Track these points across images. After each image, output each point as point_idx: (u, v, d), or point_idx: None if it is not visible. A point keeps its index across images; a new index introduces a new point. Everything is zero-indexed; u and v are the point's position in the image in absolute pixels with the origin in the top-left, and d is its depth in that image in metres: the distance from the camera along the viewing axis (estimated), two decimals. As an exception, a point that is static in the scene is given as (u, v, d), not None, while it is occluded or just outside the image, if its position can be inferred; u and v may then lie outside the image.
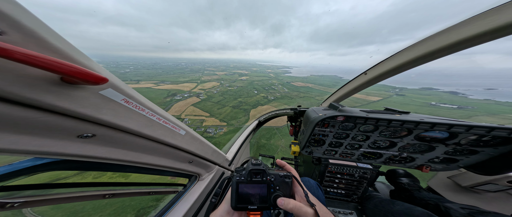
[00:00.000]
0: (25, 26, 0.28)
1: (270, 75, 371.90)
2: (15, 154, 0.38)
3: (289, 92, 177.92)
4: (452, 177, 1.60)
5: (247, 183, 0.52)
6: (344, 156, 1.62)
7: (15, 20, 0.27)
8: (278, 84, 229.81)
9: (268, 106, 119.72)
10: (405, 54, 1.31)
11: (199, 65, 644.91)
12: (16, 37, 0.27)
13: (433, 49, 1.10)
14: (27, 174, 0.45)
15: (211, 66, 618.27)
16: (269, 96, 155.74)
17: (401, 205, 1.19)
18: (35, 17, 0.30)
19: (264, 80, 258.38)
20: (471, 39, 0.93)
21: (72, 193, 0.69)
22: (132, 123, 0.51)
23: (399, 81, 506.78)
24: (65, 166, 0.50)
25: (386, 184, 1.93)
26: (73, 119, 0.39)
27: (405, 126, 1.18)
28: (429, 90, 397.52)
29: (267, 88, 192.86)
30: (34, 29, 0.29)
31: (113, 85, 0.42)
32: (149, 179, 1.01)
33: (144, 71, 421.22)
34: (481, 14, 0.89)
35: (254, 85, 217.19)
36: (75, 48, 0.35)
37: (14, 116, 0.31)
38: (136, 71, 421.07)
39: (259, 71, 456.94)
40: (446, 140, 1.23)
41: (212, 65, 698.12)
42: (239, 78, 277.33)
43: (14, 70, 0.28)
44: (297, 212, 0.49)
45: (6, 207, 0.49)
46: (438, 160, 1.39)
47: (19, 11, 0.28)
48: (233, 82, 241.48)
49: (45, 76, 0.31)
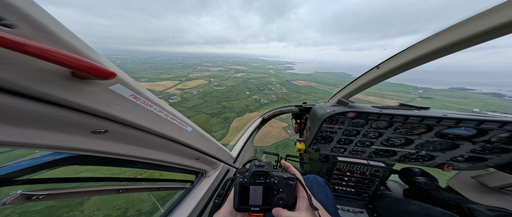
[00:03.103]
0: (35, 19, 0.28)
1: (270, 72, 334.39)
2: (36, 148, 0.40)
3: (288, 93, 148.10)
4: (477, 176, 1.47)
5: (250, 184, 0.52)
6: (354, 154, 1.56)
7: (25, 13, 0.26)
8: (276, 83, 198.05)
9: (257, 113, 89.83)
10: (425, 45, 1.17)
11: (196, 60, 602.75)
12: (26, 31, 0.27)
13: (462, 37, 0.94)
14: (49, 168, 0.49)
15: (209, 61, 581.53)
16: (262, 99, 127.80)
17: (418, 205, 1.12)
18: (43, 10, 0.30)
19: (261, 78, 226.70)
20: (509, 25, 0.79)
21: (89, 187, 0.73)
22: (141, 119, 0.52)
23: (419, 79, 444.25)
24: (81, 160, 0.52)
25: (399, 183, 1.83)
26: (86, 114, 0.40)
27: (425, 122, 1.11)
28: (461, 91, 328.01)
29: (262, 88, 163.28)
30: (44, 23, 0.29)
31: (121, 80, 0.42)
32: (157, 176, 0.90)
33: (131, 66, 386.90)
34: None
35: (248, 83, 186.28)
36: (83, 42, 0.36)
37: (33, 110, 0.32)
38: (122, 65, 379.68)
39: (259, 67, 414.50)
40: (473, 138, 1.14)
41: (211, 60, 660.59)
42: (233, 75, 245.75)
43: (27, 64, 0.28)
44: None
45: (32, 199, 0.52)
46: (463, 158, 1.29)
47: (27, 4, 0.27)
48: (225, 80, 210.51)
49: (57, 71, 0.31)
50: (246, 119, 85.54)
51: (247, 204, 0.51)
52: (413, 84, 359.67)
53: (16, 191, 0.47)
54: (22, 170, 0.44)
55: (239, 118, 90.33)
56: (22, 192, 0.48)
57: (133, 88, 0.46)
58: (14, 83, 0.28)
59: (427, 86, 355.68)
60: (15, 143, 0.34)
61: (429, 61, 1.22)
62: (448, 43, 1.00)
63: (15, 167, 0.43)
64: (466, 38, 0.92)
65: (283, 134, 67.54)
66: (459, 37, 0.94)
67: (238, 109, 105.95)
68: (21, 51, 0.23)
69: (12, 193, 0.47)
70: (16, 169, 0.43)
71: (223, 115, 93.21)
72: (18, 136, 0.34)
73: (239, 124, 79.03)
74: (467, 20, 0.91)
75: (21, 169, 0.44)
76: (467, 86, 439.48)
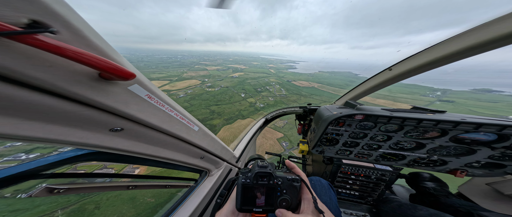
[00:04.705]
0: (73, 25, 0.30)
1: (270, 71, 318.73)
2: (64, 145, 0.42)
3: (287, 96, 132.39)
4: (492, 183, 1.40)
5: (253, 185, 0.51)
6: (360, 157, 1.53)
7: (66, 19, 0.29)
8: (275, 84, 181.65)
9: (250, 120, 74.29)
10: (445, 47, 1.04)
11: (195, 58, 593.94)
12: (67, 36, 0.30)
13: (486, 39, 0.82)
14: (71, 163, 0.51)
15: (208, 59, 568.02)
16: (258, 102, 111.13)
17: (425, 211, 1.09)
18: (79, 16, 0.32)
19: (260, 78, 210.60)
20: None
21: (102, 183, 0.77)
22: (154, 118, 0.54)
23: (434, 80, 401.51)
24: (99, 157, 0.55)
25: (405, 187, 1.77)
26: (107, 113, 0.43)
27: (440, 126, 1.07)
28: (487, 93, 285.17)
29: (260, 89, 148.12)
30: (80, 28, 0.31)
31: (139, 80, 0.45)
32: (162, 173, 1.12)
33: None
34: None
35: (245, 84, 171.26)
36: (109, 44, 0.38)
37: (64, 109, 0.35)
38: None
39: (259, 66, 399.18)
40: (492, 143, 1.10)
41: (211, 58, 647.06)
42: (230, 75, 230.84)
43: (63, 66, 0.31)
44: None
45: (54, 192, 0.56)
46: (479, 164, 1.24)
47: (68, 11, 0.30)
48: (220, 80, 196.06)
49: (87, 72, 0.34)
50: (236, 128, 69.79)
51: (249, 204, 0.51)
52: (429, 85, 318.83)
53: (41, 185, 0.53)
54: (48, 164, 0.47)
55: (228, 126, 75.14)
56: (47, 185, 0.54)
57: (148, 88, 0.48)
58: (52, 83, 0.30)
59: (445, 87, 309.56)
60: (47, 139, 0.37)
61: (448, 63, 1.10)
62: (472, 44, 0.88)
63: (43, 161, 0.47)
64: (491, 39, 0.80)
65: (277, 148, 52.06)
66: (482, 39, 0.83)
67: (229, 114, 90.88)
68: (62, 55, 0.26)
69: (38, 186, 0.53)
70: (44, 163, 0.47)
71: (209, 122, 77.99)
72: (49, 133, 0.37)
73: (226, 134, 63.91)
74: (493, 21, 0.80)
75: (48, 164, 0.47)
76: (494, 87, 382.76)
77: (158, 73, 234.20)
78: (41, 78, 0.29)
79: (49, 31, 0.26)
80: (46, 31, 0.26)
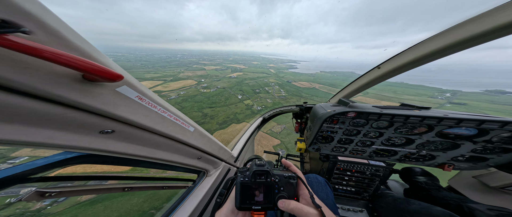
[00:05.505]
0: (49, 25, 0.29)
1: (270, 71, 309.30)
2: (51, 148, 0.41)
3: (286, 97, 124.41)
4: (478, 176, 1.48)
5: (251, 184, 0.53)
6: (355, 153, 1.57)
7: (40, 19, 0.28)
8: (274, 85, 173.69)
9: (245, 124, 65.72)
10: (430, 44, 1.12)
11: (195, 58, 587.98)
12: (42, 37, 0.29)
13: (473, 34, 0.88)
14: (60, 166, 0.51)
15: (208, 58, 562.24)
16: (255, 105, 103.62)
17: (417, 204, 1.13)
18: (56, 16, 0.31)
19: (259, 78, 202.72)
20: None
21: (97, 185, 0.77)
22: (146, 119, 0.54)
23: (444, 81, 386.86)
24: (90, 160, 0.55)
25: (399, 183, 1.83)
26: (95, 115, 0.42)
27: (425, 122, 1.13)
28: (501, 94, 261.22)
29: (258, 91, 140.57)
30: (57, 29, 0.30)
31: (128, 82, 0.44)
32: (159, 174, 1.11)
33: (122, 63, 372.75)
34: None
35: (243, 85, 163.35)
36: (92, 46, 0.37)
37: (47, 112, 0.34)
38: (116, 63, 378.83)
39: (259, 66, 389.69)
40: (474, 137, 1.15)
41: (210, 57, 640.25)
42: (228, 75, 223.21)
43: (42, 68, 0.29)
44: (299, 213, 0.48)
45: (45, 196, 0.55)
46: (463, 158, 1.31)
47: (42, 11, 0.29)
48: (217, 81, 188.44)
49: (69, 74, 0.33)
50: (229, 133, 62.54)
51: (248, 203, 0.52)
52: (437, 86, 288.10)
53: (31, 188, 0.51)
54: (37, 168, 0.46)
55: (222, 131, 68.36)
56: (37, 189, 0.52)
57: (138, 90, 0.48)
58: (30, 86, 0.29)
59: (455, 88, 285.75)
60: (32, 143, 0.36)
61: (431, 61, 1.19)
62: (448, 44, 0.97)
63: (31, 165, 0.46)
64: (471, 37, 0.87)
65: (272, 156, 44.27)
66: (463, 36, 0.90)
67: (222, 118, 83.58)
68: (37, 56, 0.25)
69: (28, 190, 0.51)
70: (32, 167, 0.46)
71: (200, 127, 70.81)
72: (34, 136, 0.36)
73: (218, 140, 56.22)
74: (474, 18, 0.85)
75: (36, 168, 0.46)
76: (507, 89, 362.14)
77: (154, 73, 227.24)
78: (17, 80, 0.28)
79: (21, 31, 0.26)
80: (17, 31, 0.25)
